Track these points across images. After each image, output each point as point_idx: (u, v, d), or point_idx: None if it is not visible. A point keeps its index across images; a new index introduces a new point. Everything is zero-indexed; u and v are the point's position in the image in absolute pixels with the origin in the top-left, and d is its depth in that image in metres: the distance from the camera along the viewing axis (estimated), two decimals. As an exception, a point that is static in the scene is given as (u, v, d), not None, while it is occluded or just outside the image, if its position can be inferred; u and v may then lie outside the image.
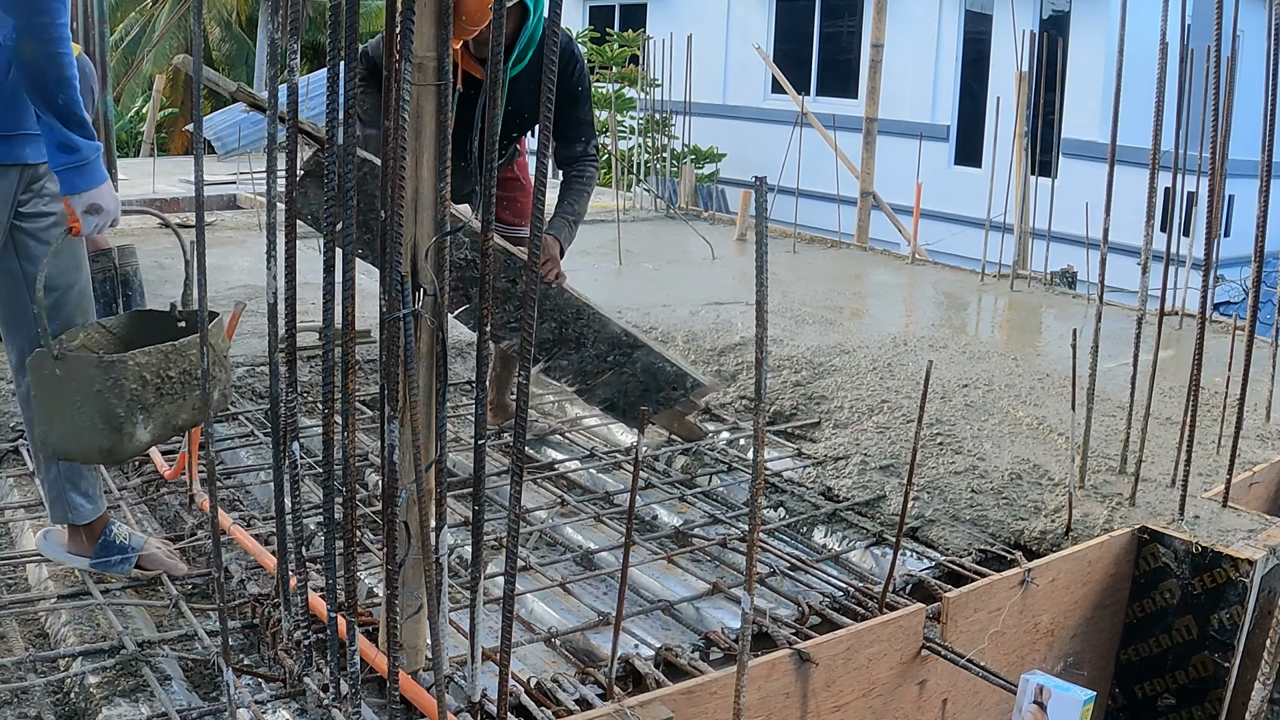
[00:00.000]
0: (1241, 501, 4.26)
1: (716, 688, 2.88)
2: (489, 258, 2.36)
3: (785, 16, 18.44)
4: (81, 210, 3.05)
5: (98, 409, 3.04)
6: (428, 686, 2.74)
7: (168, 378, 3.14)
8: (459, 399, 5.42)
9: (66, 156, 2.99)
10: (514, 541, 2.41)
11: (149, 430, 3.13)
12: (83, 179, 3.02)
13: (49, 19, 2.84)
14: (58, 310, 3.29)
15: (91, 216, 3.07)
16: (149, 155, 15.55)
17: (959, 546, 4.14)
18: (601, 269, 8.37)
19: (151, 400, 3.10)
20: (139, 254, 7.67)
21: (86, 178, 3.03)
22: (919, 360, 5.80)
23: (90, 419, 3.06)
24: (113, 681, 3.00)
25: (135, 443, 3.11)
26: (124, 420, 3.05)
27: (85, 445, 3.11)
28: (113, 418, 3.05)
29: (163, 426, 3.17)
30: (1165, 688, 3.92)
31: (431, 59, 2.50)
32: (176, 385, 3.17)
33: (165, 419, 3.16)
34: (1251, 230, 4.25)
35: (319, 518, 3.86)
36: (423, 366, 2.61)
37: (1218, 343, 5.95)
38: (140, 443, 3.13)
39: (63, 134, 2.96)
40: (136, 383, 3.06)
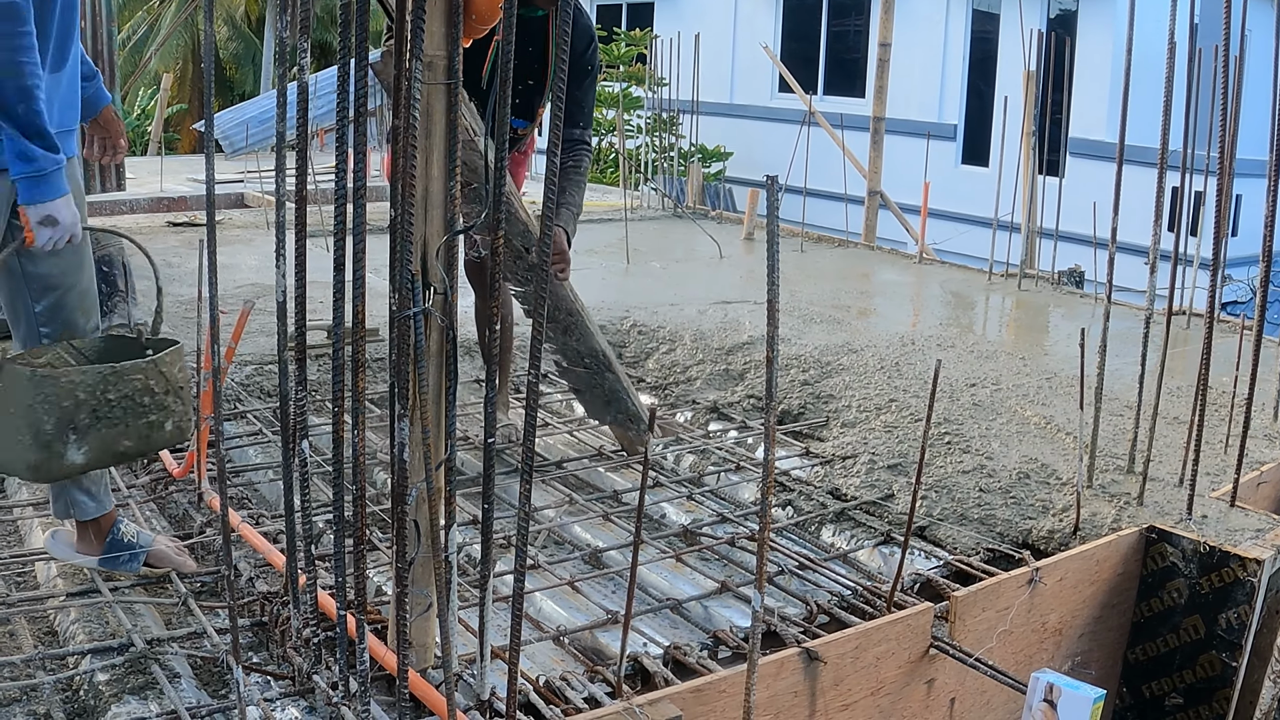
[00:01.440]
0: (1249, 501, 4.26)
1: (725, 686, 2.89)
2: (498, 256, 2.37)
3: (792, 15, 18.43)
4: (36, 221, 3.01)
5: (27, 423, 2.99)
6: (437, 684, 2.75)
7: (106, 400, 3.07)
8: (467, 397, 5.43)
9: (24, 166, 2.95)
10: (523, 540, 2.41)
11: (83, 453, 3.07)
12: (39, 191, 2.98)
13: (11, 27, 2.82)
14: (58, 310, 3.28)
15: (45, 229, 3.02)
16: (156, 154, 15.57)
17: (967, 545, 4.14)
18: (609, 267, 8.37)
19: (85, 422, 3.03)
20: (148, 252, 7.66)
21: (43, 190, 2.99)
22: (926, 359, 5.80)
23: (20, 432, 3.02)
24: (122, 679, 3.01)
25: (66, 463, 3.05)
26: (52, 439, 3.00)
27: (13, 459, 3.07)
28: (40, 434, 3.00)
29: (100, 451, 3.10)
30: (1173, 687, 3.92)
31: (441, 58, 2.50)
32: (117, 410, 3.09)
33: (103, 443, 3.09)
34: (1259, 230, 4.24)
35: (327, 516, 3.87)
36: (432, 365, 2.62)
37: (1225, 342, 5.94)
38: (72, 463, 3.06)
39: (21, 144, 2.92)
40: (69, 401, 3.00)
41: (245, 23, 26.54)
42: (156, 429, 3.18)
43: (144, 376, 3.14)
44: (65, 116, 3.26)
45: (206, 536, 3.86)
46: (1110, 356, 4.42)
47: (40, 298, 3.27)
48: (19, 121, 2.90)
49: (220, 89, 24.78)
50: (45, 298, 3.27)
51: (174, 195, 11.17)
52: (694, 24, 14.78)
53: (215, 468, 4.09)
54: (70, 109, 3.30)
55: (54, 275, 3.25)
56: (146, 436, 3.18)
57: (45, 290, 3.26)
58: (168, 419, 3.20)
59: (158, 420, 3.18)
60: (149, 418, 3.16)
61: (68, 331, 3.31)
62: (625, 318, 6.58)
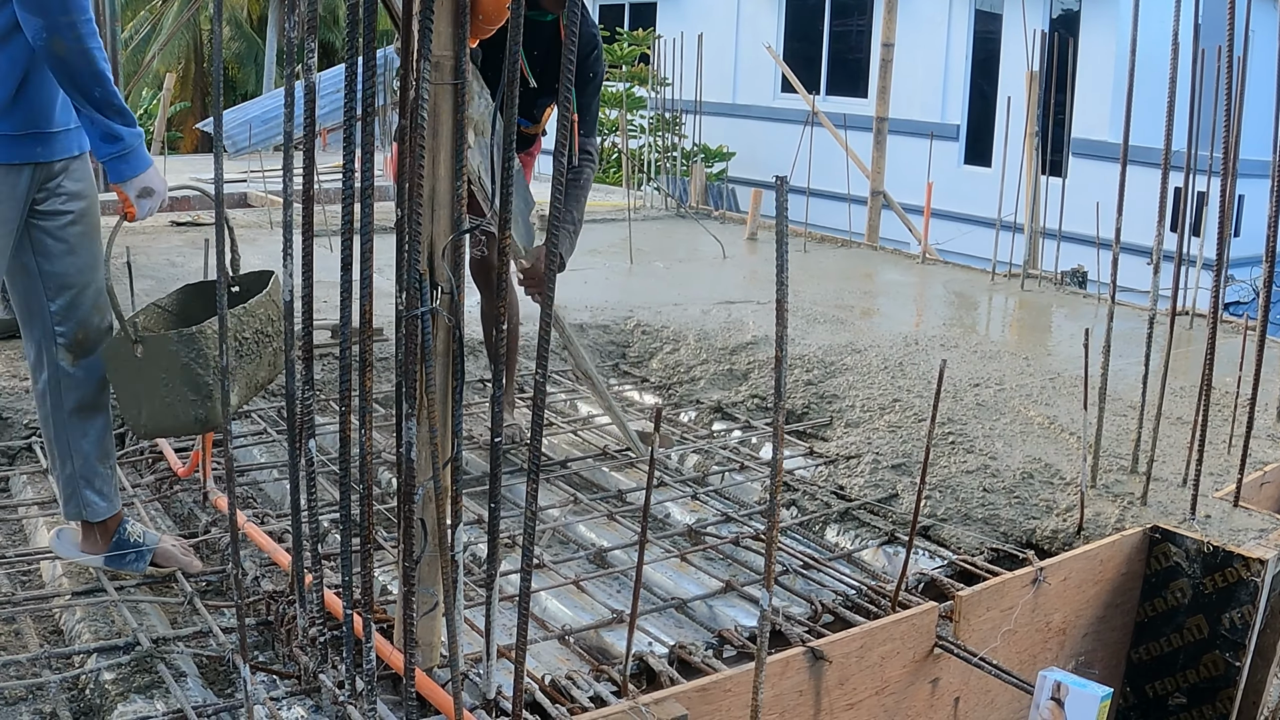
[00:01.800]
0: (1253, 501, 4.26)
1: (731, 685, 2.89)
2: (505, 258, 2.37)
3: (795, 15, 18.44)
4: (134, 195, 3.15)
5: (186, 382, 3.17)
6: (443, 684, 2.75)
7: (244, 339, 3.28)
8: (472, 397, 5.43)
9: (111, 147, 3.07)
10: (530, 539, 2.41)
11: (235, 393, 3.27)
12: (129, 166, 3.12)
13: (75, 16, 2.90)
14: (74, 309, 3.29)
15: (145, 200, 3.17)
16: (160, 153, 15.57)
17: (971, 545, 4.14)
18: (613, 267, 8.37)
19: (233, 363, 3.21)
20: (151, 253, 7.69)
21: (133, 164, 3.12)
22: (930, 359, 5.80)
23: (180, 393, 3.18)
24: (128, 678, 3.01)
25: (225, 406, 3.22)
26: (214, 387, 3.17)
27: (180, 419, 3.24)
28: (202, 387, 3.18)
29: (246, 387, 3.32)
30: (1176, 687, 3.92)
31: (449, 58, 2.51)
32: (252, 345, 3.31)
33: (247, 379, 3.31)
34: (1262, 230, 4.25)
35: (333, 515, 3.87)
36: (439, 364, 2.62)
37: (1228, 343, 5.94)
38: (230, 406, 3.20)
39: (104, 124, 3.03)
40: (216, 349, 3.16)
41: (248, 23, 26.57)
42: (280, 353, 3.38)
43: (265, 309, 3.37)
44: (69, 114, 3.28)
45: (212, 536, 3.87)
46: (1114, 357, 4.42)
47: (56, 296, 3.28)
48: (98, 103, 3.01)
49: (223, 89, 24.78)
50: (61, 296, 3.28)
51: (177, 195, 11.17)
52: (697, 24, 14.79)
53: (221, 467, 4.11)
54: None
55: (70, 274, 3.26)
56: (273, 363, 3.44)
57: (61, 289, 3.27)
58: (279, 341, 3.40)
59: (278, 346, 3.39)
60: (273, 345, 3.40)
61: (82, 330, 3.32)
62: (629, 317, 6.59)
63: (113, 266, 3.37)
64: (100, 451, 3.46)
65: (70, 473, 3.44)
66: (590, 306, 6.79)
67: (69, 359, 3.31)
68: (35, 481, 4.38)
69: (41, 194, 3.18)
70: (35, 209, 3.18)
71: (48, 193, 3.19)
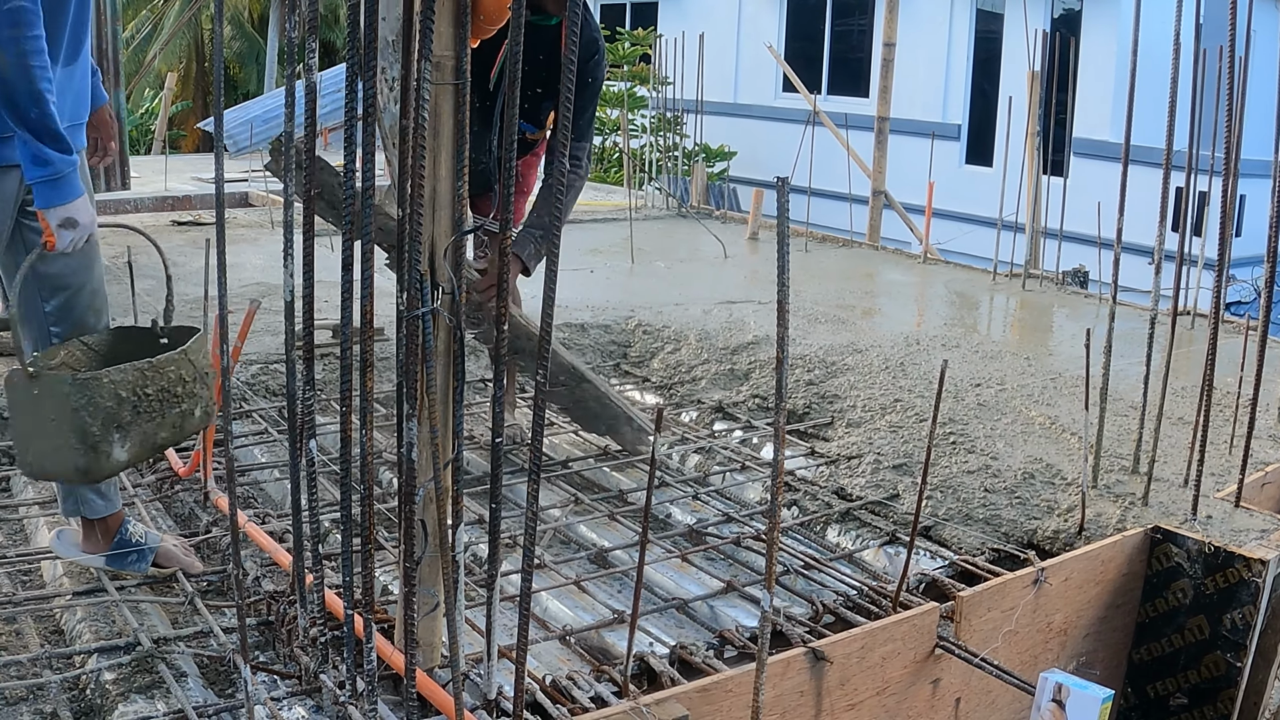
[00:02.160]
0: (1254, 502, 4.26)
1: (732, 686, 2.89)
2: (505, 258, 2.37)
3: (796, 15, 18.44)
4: (56, 224, 3.01)
5: (73, 428, 2.98)
6: (444, 684, 2.75)
7: (145, 395, 3.07)
8: (473, 397, 5.43)
9: (39, 170, 2.95)
10: (530, 539, 2.41)
11: (126, 449, 3.07)
12: (57, 193, 2.98)
13: (21, 31, 2.81)
14: (68, 311, 3.29)
15: (66, 231, 3.02)
16: (161, 153, 15.58)
17: (972, 545, 4.14)
18: (613, 267, 8.37)
19: (128, 418, 3.03)
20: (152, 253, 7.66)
21: (61, 192, 2.98)
22: (931, 359, 5.80)
23: (66, 438, 3.00)
24: (128, 678, 3.01)
25: (112, 462, 3.06)
26: (99, 439, 3.00)
27: (62, 465, 3.06)
28: (88, 436, 2.99)
29: (141, 445, 3.11)
30: (1177, 687, 3.92)
31: (449, 58, 2.51)
32: (154, 403, 3.10)
33: (143, 438, 3.11)
34: (1263, 230, 4.24)
35: (334, 515, 3.87)
36: (440, 365, 2.62)
37: (1230, 343, 5.94)
38: (118, 461, 3.07)
39: (36, 147, 2.92)
40: (112, 401, 3.00)
41: (249, 22, 26.56)
42: (188, 417, 3.22)
43: (177, 367, 3.17)
44: (78, 109, 3.27)
45: (213, 536, 3.87)
46: (1115, 357, 4.42)
47: (51, 297, 3.27)
48: (32, 125, 2.90)
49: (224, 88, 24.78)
50: (56, 297, 3.28)
51: (179, 194, 11.19)
52: (698, 23, 14.80)
53: (221, 467, 4.11)
54: (82, 103, 3.31)
55: (64, 275, 3.26)
56: (179, 426, 3.21)
57: (56, 290, 3.27)
58: (197, 405, 3.24)
59: (188, 408, 3.21)
60: (181, 406, 3.19)
61: (78, 330, 3.32)
62: (630, 317, 6.59)
63: (114, 266, 3.37)
64: None
65: None
66: (591, 306, 6.79)
67: None
68: (36, 481, 4.38)
69: (31, 195, 3.16)
70: (25, 209, 3.17)
71: None
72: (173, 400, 3.15)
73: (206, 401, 3.29)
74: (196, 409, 3.24)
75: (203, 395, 3.26)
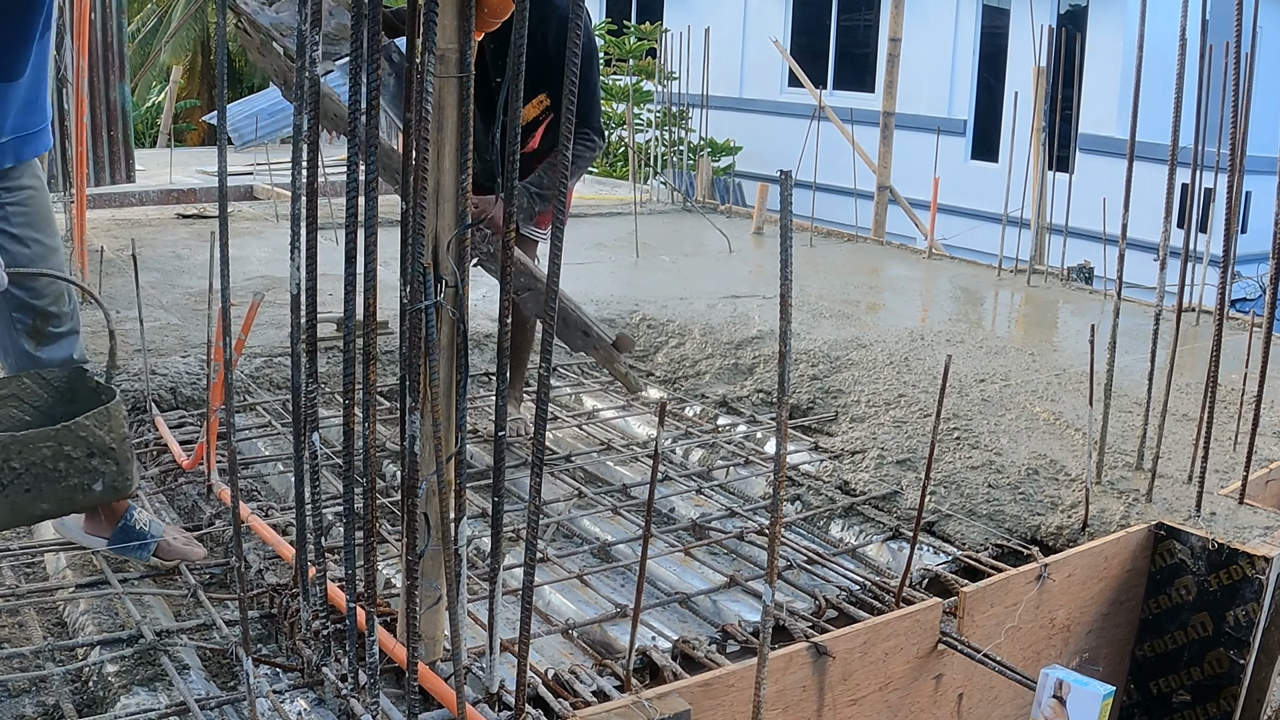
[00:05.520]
0: (1258, 498, 4.25)
1: (734, 680, 2.89)
2: (509, 250, 2.37)
3: (802, 10, 18.42)
4: None
5: None
6: (446, 677, 2.75)
7: (9, 468, 2.89)
8: (477, 391, 5.43)
9: None
10: (533, 533, 2.41)
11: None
12: None
13: None
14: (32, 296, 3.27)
15: None
16: (166, 146, 15.59)
17: (975, 541, 4.14)
18: (618, 261, 8.37)
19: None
20: (157, 245, 7.69)
21: None
22: (936, 354, 5.79)
23: None
24: (131, 670, 3.02)
25: None
26: None
27: None
28: None
29: (10, 514, 2.94)
30: (1180, 684, 3.92)
31: (453, 51, 2.50)
32: (26, 477, 2.90)
33: (13, 507, 2.92)
34: (1269, 227, 4.24)
35: (337, 508, 3.88)
36: (443, 358, 2.62)
37: (1235, 339, 5.94)
38: None
39: None
40: None
41: (255, 15, 26.51)
42: (81, 491, 3.01)
43: (55, 443, 2.94)
44: (22, 120, 3.24)
45: (216, 528, 3.87)
46: (1120, 353, 4.42)
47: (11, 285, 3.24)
48: None
49: (229, 82, 24.77)
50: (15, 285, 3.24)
51: (184, 187, 11.19)
52: (704, 18, 14.77)
53: (225, 460, 4.11)
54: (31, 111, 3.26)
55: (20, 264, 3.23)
56: (69, 499, 3.01)
57: None
58: (95, 480, 3.03)
59: (80, 483, 3.00)
60: (68, 481, 2.98)
61: (40, 318, 3.28)
62: (634, 311, 6.59)
63: (119, 258, 3.36)
64: None
65: None
66: (595, 300, 6.79)
67: (31, 345, 3.30)
68: None
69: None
70: None
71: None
72: (52, 475, 2.95)
73: (112, 475, 3.07)
74: (95, 483, 3.03)
75: (104, 470, 3.04)
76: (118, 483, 3.07)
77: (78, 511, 3.12)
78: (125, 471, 3.08)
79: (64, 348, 3.39)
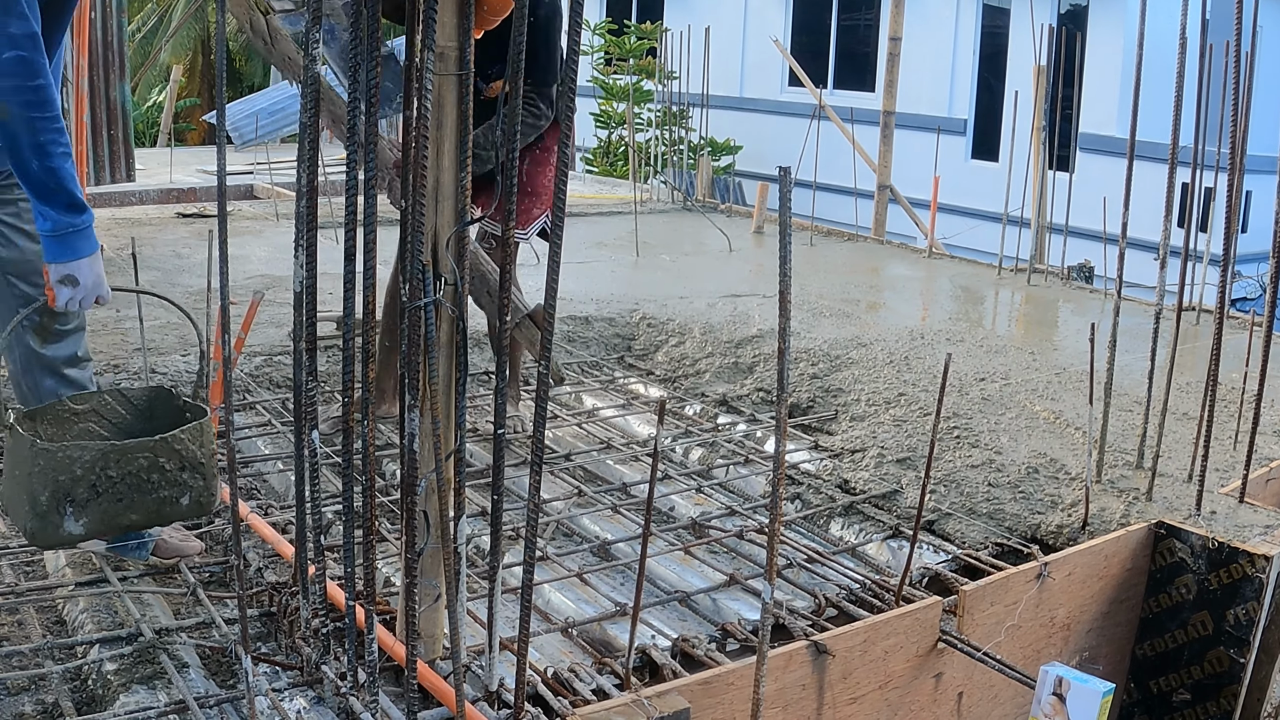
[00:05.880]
0: (1258, 497, 4.25)
1: (734, 679, 2.89)
2: (509, 248, 2.37)
3: (802, 9, 18.40)
4: (55, 279, 2.94)
5: (26, 491, 2.90)
6: (445, 675, 2.75)
7: (106, 476, 2.93)
8: (476, 389, 5.43)
9: (43, 223, 2.89)
10: (532, 532, 2.41)
11: (81, 524, 2.95)
12: (60, 249, 2.92)
13: (21, 81, 2.75)
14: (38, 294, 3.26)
15: (65, 288, 2.95)
16: (166, 145, 15.58)
17: (975, 540, 4.14)
18: (618, 260, 8.37)
19: (84, 496, 2.91)
20: (157, 244, 7.69)
21: (63, 248, 2.92)
22: (936, 353, 5.79)
23: (20, 496, 2.94)
24: (130, 668, 3.01)
25: (63, 533, 2.93)
26: (48, 510, 2.89)
27: (17, 518, 2.99)
28: (36, 504, 2.89)
29: (101, 523, 2.97)
30: (1180, 683, 3.92)
31: (453, 48, 2.50)
32: (121, 486, 2.96)
33: (104, 516, 2.96)
34: (1269, 226, 4.23)
35: (336, 506, 3.88)
36: (443, 356, 2.62)
37: (1235, 338, 5.93)
38: (69, 534, 2.94)
39: (38, 204, 2.87)
40: (65, 475, 2.89)
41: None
42: (169, 504, 3.04)
43: (152, 454, 2.99)
44: None
45: (215, 526, 3.87)
46: (1120, 352, 4.42)
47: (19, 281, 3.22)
48: (33, 180, 2.84)
49: (229, 81, 24.77)
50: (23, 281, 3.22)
51: (184, 187, 11.18)
52: (704, 17, 14.76)
53: (224, 458, 4.11)
54: None
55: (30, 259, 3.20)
56: (157, 511, 3.04)
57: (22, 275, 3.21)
58: (183, 494, 3.06)
59: (170, 496, 3.04)
60: (159, 494, 3.02)
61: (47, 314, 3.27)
62: (635, 310, 6.59)
63: (118, 257, 3.36)
64: None
65: None
66: (596, 299, 6.79)
67: (37, 341, 3.29)
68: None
69: None
70: None
71: None
72: (145, 486, 2.99)
73: (199, 490, 3.10)
74: (183, 497, 3.07)
75: (193, 484, 3.08)
76: (203, 498, 3.10)
77: (161, 525, 3.12)
78: (211, 488, 3.11)
79: (69, 345, 3.38)
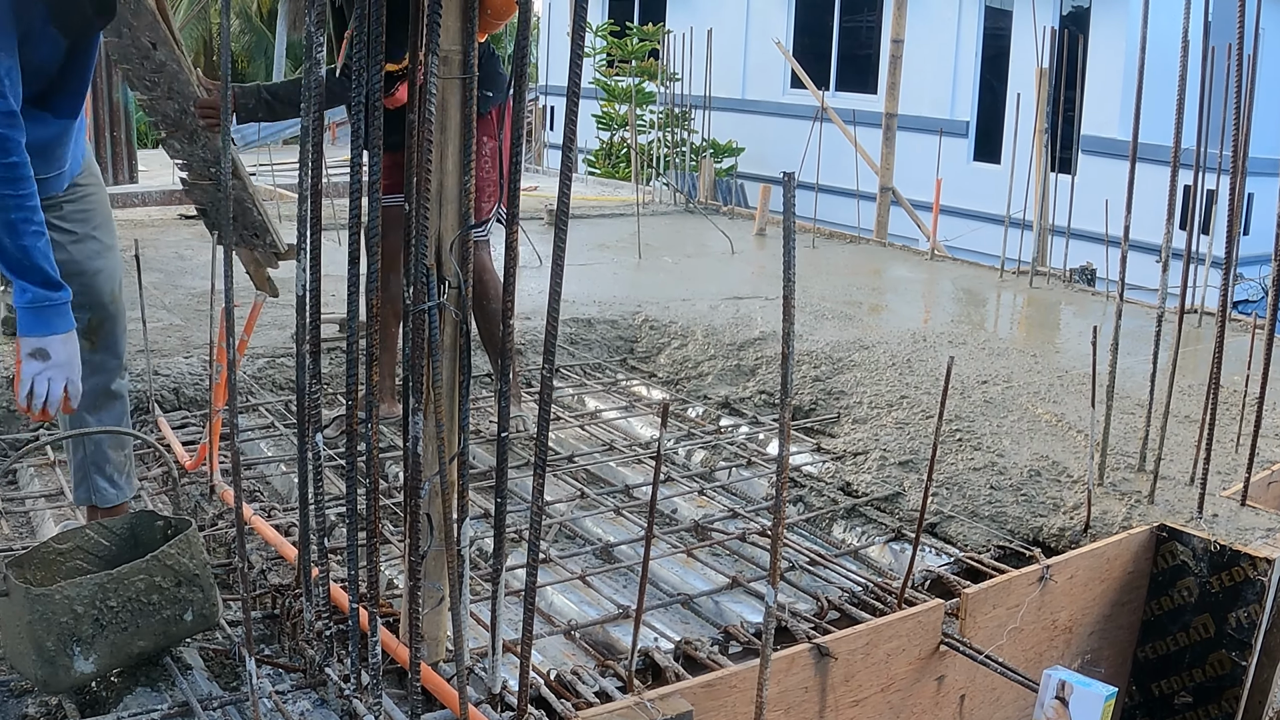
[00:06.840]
0: (1260, 500, 4.25)
1: (736, 681, 2.89)
2: (514, 251, 2.37)
3: (805, 11, 18.40)
4: (26, 352, 2.86)
5: (30, 639, 2.80)
6: (449, 678, 2.75)
7: (107, 608, 2.85)
8: (479, 391, 5.44)
9: (21, 297, 2.83)
10: (536, 534, 2.42)
11: (92, 661, 2.83)
12: (35, 323, 2.85)
13: None
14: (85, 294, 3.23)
15: (35, 361, 2.86)
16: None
17: (978, 543, 4.14)
18: (621, 262, 8.37)
19: (89, 632, 2.82)
20: (160, 245, 7.69)
21: (37, 323, 2.85)
22: (938, 356, 5.79)
23: (26, 647, 2.81)
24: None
25: (75, 674, 2.84)
26: (56, 654, 2.79)
27: (24, 669, 2.90)
28: (43, 651, 2.80)
29: (112, 655, 2.88)
30: (1182, 685, 3.92)
31: (457, 52, 2.51)
32: (123, 615, 2.88)
33: (113, 648, 2.88)
34: (1271, 228, 4.24)
35: (340, 509, 3.88)
36: (446, 359, 2.62)
37: (1237, 341, 5.94)
38: (81, 674, 2.85)
39: (14, 279, 2.81)
40: (67, 616, 2.77)
41: (257, 16, 26.55)
42: (174, 622, 2.99)
43: (147, 575, 2.92)
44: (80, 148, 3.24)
45: (219, 529, 3.87)
46: (1122, 354, 4.42)
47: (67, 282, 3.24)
48: (7, 256, 2.78)
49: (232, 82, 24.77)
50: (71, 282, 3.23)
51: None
52: (706, 19, 14.76)
53: (228, 460, 4.11)
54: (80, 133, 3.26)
55: (78, 260, 3.22)
56: (164, 632, 2.98)
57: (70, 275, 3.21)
58: (185, 610, 3.00)
59: (173, 614, 2.98)
60: (162, 614, 2.95)
61: (96, 316, 3.28)
62: (637, 312, 6.59)
63: (122, 258, 3.36)
64: (112, 438, 3.46)
65: (81, 458, 3.46)
66: (598, 301, 6.79)
67: (86, 345, 3.25)
68: (43, 474, 4.39)
69: None
70: None
71: None
72: (146, 609, 2.92)
73: (201, 603, 3.03)
74: (186, 613, 3.00)
75: (193, 597, 3.01)
76: (205, 610, 3.05)
77: (171, 645, 3.05)
78: (210, 598, 3.06)
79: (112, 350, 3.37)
